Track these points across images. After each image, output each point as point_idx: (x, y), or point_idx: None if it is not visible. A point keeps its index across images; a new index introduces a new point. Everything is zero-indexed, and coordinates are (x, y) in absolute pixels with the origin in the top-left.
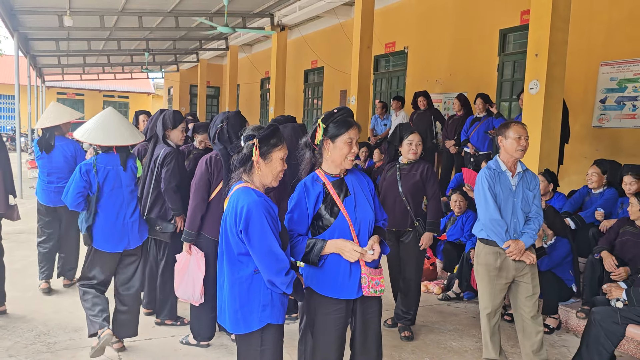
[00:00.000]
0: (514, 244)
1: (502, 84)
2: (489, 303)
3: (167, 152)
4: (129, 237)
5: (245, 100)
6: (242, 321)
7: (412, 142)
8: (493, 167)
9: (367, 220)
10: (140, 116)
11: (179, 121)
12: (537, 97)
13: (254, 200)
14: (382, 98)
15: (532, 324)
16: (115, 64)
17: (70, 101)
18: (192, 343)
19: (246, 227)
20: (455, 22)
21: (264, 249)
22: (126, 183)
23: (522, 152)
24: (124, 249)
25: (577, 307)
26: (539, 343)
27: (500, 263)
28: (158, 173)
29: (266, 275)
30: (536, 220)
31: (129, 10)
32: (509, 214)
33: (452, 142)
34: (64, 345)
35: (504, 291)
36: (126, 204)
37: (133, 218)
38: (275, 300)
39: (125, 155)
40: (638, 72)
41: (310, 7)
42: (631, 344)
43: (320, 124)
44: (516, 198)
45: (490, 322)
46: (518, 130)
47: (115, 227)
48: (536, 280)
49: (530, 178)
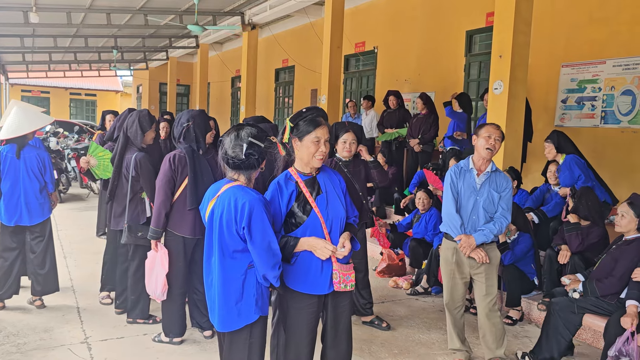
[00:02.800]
0: (465, 238)
1: (469, 84)
2: (448, 296)
3: (140, 157)
4: (21, 214)
5: (216, 98)
6: (238, 316)
7: (346, 140)
8: (461, 165)
9: (338, 217)
10: (107, 116)
11: (153, 121)
12: (501, 97)
13: (255, 197)
14: (352, 97)
15: (487, 322)
16: (83, 61)
17: (35, 99)
18: (165, 340)
19: (249, 223)
20: (424, 23)
21: (264, 244)
22: (19, 169)
23: (490, 152)
24: (16, 224)
25: (539, 299)
26: (496, 341)
27: (456, 258)
28: (134, 177)
29: (262, 270)
30: (498, 222)
31: (96, 7)
32: (469, 211)
33: (417, 140)
34: (34, 346)
35: (463, 286)
36: (20, 187)
37: (27, 200)
38: (264, 293)
39: (18, 147)
40: (597, 74)
41: (280, 7)
42: (588, 333)
43: (288, 123)
44: (479, 197)
45: (452, 314)
46: (489, 130)
47: (9, 205)
48: (492, 280)
49: (499, 180)
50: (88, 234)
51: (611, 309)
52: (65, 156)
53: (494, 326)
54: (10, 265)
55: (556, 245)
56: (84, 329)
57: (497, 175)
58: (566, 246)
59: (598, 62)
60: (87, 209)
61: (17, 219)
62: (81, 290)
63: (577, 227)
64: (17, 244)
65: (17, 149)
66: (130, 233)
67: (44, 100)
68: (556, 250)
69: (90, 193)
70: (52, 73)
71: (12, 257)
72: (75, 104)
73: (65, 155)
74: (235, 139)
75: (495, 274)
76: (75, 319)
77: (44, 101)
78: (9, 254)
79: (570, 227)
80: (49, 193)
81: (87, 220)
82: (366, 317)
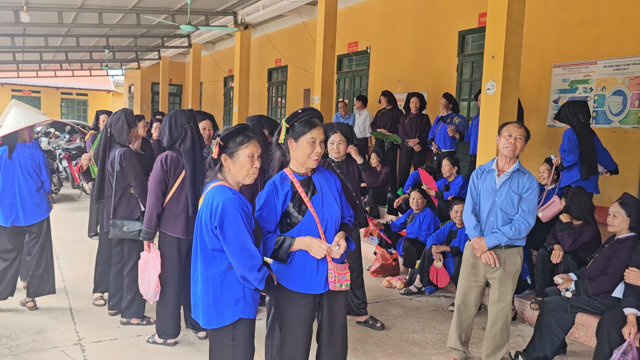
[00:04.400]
0: (477, 240)
1: (462, 84)
2: (459, 297)
3: (123, 152)
4: (17, 215)
5: (209, 98)
6: (215, 316)
7: (334, 142)
8: (485, 166)
9: (333, 217)
10: (101, 116)
11: (138, 119)
12: (494, 98)
13: (229, 197)
14: (345, 97)
15: (494, 331)
16: (74, 60)
17: (25, 99)
18: (159, 342)
19: (221, 223)
20: (416, 23)
21: (238, 245)
22: (14, 170)
23: (510, 150)
24: (13, 224)
25: (532, 298)
26: (496, 351)
27: (472, 260)
28: (119, 172)
29: (239, 271)
30: (515, 224)
31: (88, 6)
32: (486, 212)
33: (417, 140)
34: (27, 348)
35: (477, 290)
36: (15, 187)
37: (22, 200)
38: (248, 295)
39: (10, 148)
40: (588, 74)
41: (273, 6)
42: (581, 332)
43: (284, 124)
44: (498, 197)
45: (459, 315)
46: (509, 129)
47: (5, 206)
48: (505, 287)
49: (522, 180)
50: (80, 235)
51: (603, 308)
52: (56, 156)
53: (500, 334)
54: (7, 267)
55: (549, 244)
56: (77, 330)
57: (520, 176)
58: (559, 246)
59: (589, 62)
60: (79, 210)
61: (13, 219)
62: (74, 292)
63: (570, 226)
64: (15, 246)
65: (8, 150)
66: (114, 228)
67: (35, 100)
68: (549, 249)
69: (82, 193)
70: (43, 72)
71: (10, 259)
72: (66, 103)
73: (57, 155)
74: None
75: (511, 281)
76: (68, 320)
77: (34, 101)
78: (6, 255)
79: (563, 227)
80: (46, 193)
81: (79, 221)
82: (360, 317)
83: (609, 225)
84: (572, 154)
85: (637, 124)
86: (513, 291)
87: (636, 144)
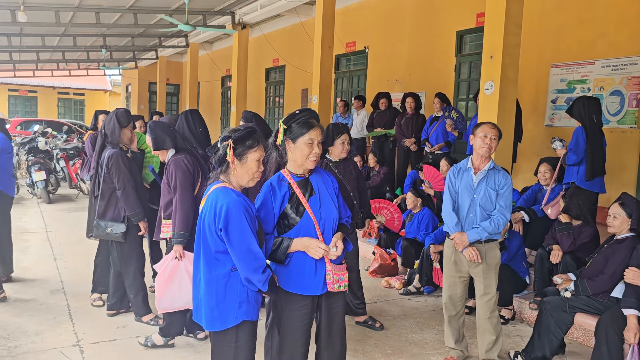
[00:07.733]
0: (458, 235)
1: (460, 84)
2: (446, 294)
3: (111, 154)
4: None
5: (206, 98)
6: (218, 318)
7: (345, 141)
8: (460, 165)
9: (331, 218)
10: (99, 116)
11: (131, 120)
12: (492, 98)
13: (234, 199)
14: (343, 97)
15: (484, 322)
16: (71, 60)
17: (22, 98)
18: (159, 343)
19: (226, 225)
20: (414, 23)
21: (243, 247)
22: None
23: (486, 150)
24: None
25: (530, 298)
26: (491, 343)
27: (454, 257)
28: (106, 174)
29: (244, 273)
30: (494, 220)
31: (85, 6)
32: (466, 209)
33: (413, 140)
34: (26, 349)
35: (462, 286)
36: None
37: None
38: (251, 297)
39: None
40: (586, 74)
41: (271, 6)
42: (579, 332)
43: (282, 125)
44: (476, 195)
45: (448, 313)
46: (485, 129)
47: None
48: (489, 280)
49: (497, 177)
50: (78, 235)
51: (602, 308)
52: (54, 156)
53: (491, 326)
54: None
55: (547, 245)
56: (76, 331)
57: (495, 173)
58: (558, 246)
59: (587, 62)
60: (77, 210)
61: None
62: (72, 292)
63: (569, 227)
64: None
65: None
66: (98, 229)
67: (32, 100)
68: (547, 250)
69: (79, 193)
70: (39, 72)
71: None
72: (63, 103)
73: (54, 155)
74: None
75: (493, 273)
76: (66, 321)
77: (31, 100)
78: None
79: (562, 227)
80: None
81: (76, 221)
82: (359, 317)
83: (609, 227)
84: (576, 154)
85: (635, 124)
86: (496, 282)
87: (634, 143)
